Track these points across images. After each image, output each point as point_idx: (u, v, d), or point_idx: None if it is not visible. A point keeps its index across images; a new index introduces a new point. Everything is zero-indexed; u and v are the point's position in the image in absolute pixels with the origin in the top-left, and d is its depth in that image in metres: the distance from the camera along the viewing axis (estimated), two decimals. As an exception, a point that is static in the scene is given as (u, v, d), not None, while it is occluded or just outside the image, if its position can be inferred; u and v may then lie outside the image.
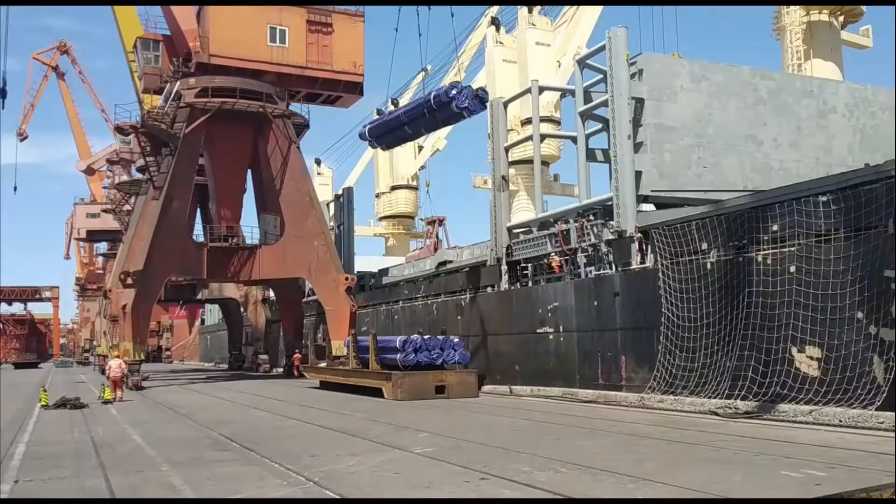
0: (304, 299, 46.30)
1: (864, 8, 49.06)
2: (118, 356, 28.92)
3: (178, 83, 37.49)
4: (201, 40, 37.49)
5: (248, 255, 39.88)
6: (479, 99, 23.79)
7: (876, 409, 13.91)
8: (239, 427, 16.76)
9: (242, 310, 58.04)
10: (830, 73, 44.30)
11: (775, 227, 16.85)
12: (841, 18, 48.76)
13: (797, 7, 47.55)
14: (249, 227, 43.47)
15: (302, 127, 42.16)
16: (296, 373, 39.83)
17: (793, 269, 16.12)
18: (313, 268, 39.27)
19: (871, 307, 14.51)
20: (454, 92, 23.45)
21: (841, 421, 14.08)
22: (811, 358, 15.65)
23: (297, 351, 42.57)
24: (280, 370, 47.54)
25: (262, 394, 28.47)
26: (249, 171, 42.28)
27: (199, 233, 44.84)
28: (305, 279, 42.97)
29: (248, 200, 43.66)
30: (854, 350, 14.76)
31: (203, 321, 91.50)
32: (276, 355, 51.11)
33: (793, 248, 16.30)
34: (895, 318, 14.11)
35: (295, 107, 41.77)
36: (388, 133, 27.21)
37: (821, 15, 47.49)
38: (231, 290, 54.85)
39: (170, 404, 24.54)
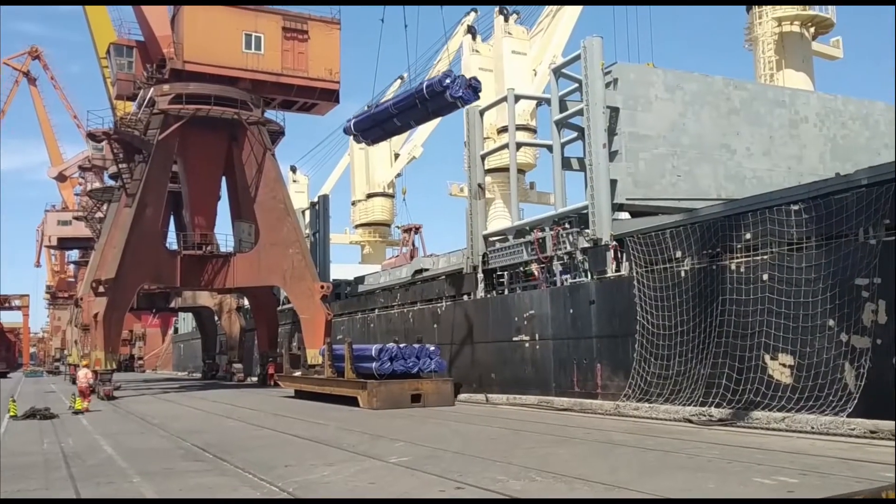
0: (279, 307, 46.01)
1: (834, 19, 49.79)
2: (86, 366, 28.57)
3: (152, 89, 37.19)
4: (175, 46, 37.23)
5: (223, 262, 39.56)
6: (473, 88, 23.15)
7: (847, 416, 14.05)
8: (212, 437, 16.58)
9: (216, 318, 57.59)
10: (802, 84, 44.90)
11: (748, 236, 17.01)
12: (812, 29, 49.47)
13: (769, 18, 48.16)
14: (224, 234, 43.18)
15: (277, 134, 41.98)
16: (270, 382, 39.54)
17: (765, 277, 16.27)
18: (288, 276, 39.05)
19: (843, 315, 14.67)
20: (448, 81, 22.80)
21: (813, 428, 14.20)
22: (784, 365, 15.79)
23: (271, 360, 42.28)
24: (254, 379, 47.17)
25: (235, 403, 28.21)
26: (224, 179, 41.99)
27: (172, 240, 44.50)
28: (280, 287, 42.70)
29: (223, 208, 43.44)
30: (826, 357, 14.91)
31: (176, 330, 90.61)
32: (251, 364, 50.72)
33: (765, 257, 16.46)
34: (866, 325, 14.28)
35: (270, 114, 41.61)
36: (376, 126, 26.44)
37: (792, 26, 48.15)
38: (205, 299, 54.38)
39: (142, 414, 24.24)
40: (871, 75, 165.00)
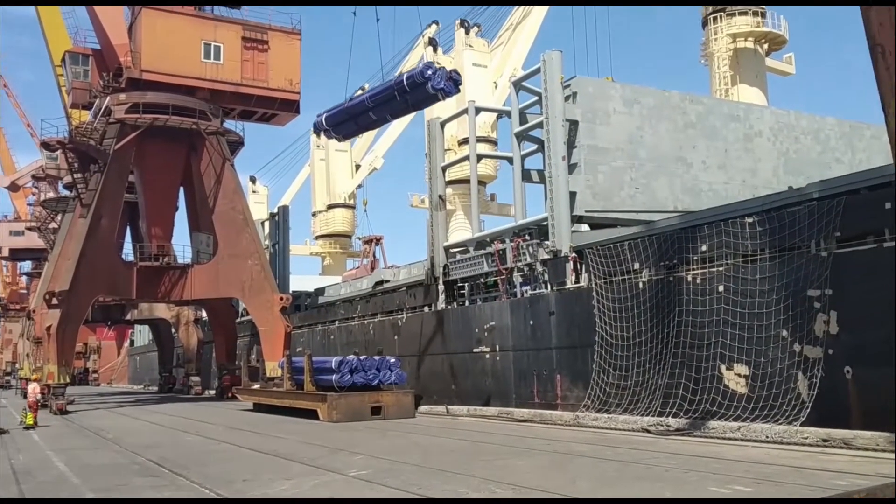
0: (238, 319, 45.50)
1: (787, 36, 50.97)
2: (37, 380, 27.94)
3: (108, 98, 36.62)
4: (133, 55, 36.72)
5: (180, 274, 39.01)
6: (453, 81, 22.90)
7: (800, 425, 14.31)
8: (168, 452, 16.30)
9: (174, 330, 56.72)
10: (756, 99, 45.86)
11: (704, 248, 17.28)
12: (765, 46, 50.59)
13: (724, 34, 49.13)
14: (181, 245, 42.63)
15: (236, 144, 41.58)
16: (228, 395, 39.02)
17: (721, 288, 16.53)
18: (247, 287, 38.63)
19: (796, 325, 14.96)
20: (429, 72, 22.45)
21: (767, 437, 14.43)
22: (739, 375, 16.04)
23: (228, 373, 41.75)
24: (212, 392, 46.53)
25: (193, 417, 27.78)
26: (182, 189, 41.46)
27: (128, 252, 43.78)
28: (239, 299, 42.23)
29: (181, 219, 42.85)
30: (779, 367, 15.19)
31: (132, 342, 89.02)
32: (209, 377, 50.03)
33: (721, 268, 16.73)
34: (818, 336, 14.58)
35: (230, 124, 41.21)
36: (350, 120, 25.75)
37: (746, 42, 49.19)
38: (162, 311, 53.55)
39: (96, 429, 23.74)
40: (822, 91, 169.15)
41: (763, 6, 49.47)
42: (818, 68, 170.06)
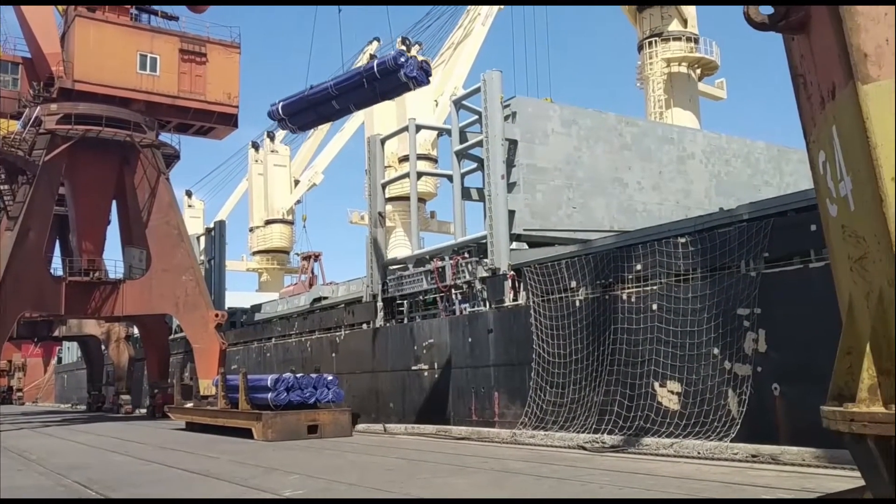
0: (171, 336, 44.51)
1: (719, 62, 52.55)
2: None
3: (39, 108, 35.62)
4: (65, 65, 35.86)
5: (111, 289, 38.04)
6: (424, 71, 22.45)
7: (731, 441, 14.64)
8: (96, 473, 15.78)
9: (104, 347, 55.15)
10: (689, 122, 47.12)
11: (639, 267, 17.61)
12: (698, 71, 52.08)
13: (659, 59, 50.41)
14: (113, 260, 41.59)
15: (172, 158, 40.88)
16: (160, 414, 38.08)
17: (654, 306, 16.85)
18: (181, 304, 37.86)
19: (726, 343, 15.34)
20: (402, 59, 21.80)
21: (699, 453, 14.70)
22: (672, 392, 16.35)
23: (160, 391, 40.77)
24: (143, 411, 45.35)
25: (122, 436, 27.00)
26: (114, 203, 40.53)
27: (57, 266, 42.50)
28: (173, 315, 41.34)
29: (113, 233, 41.84)
30: (711, 384, 15.53)
31: (60, 360, 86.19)
32: (140, 395, 48.76)
33: (654, 287, 17.07)
34: (747, 353, 14.98)
35: (165, 137, 40.51)
36: (309, 109, 24.70)
37: (680, 67, 50.55)
38: (91, 327, 52.06)
39: (19, 449, 22.85)
40: (752, 116, 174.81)
41: (696, 32, 50.93)
42: (748, 94, 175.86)
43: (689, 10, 50.52)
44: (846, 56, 3.71)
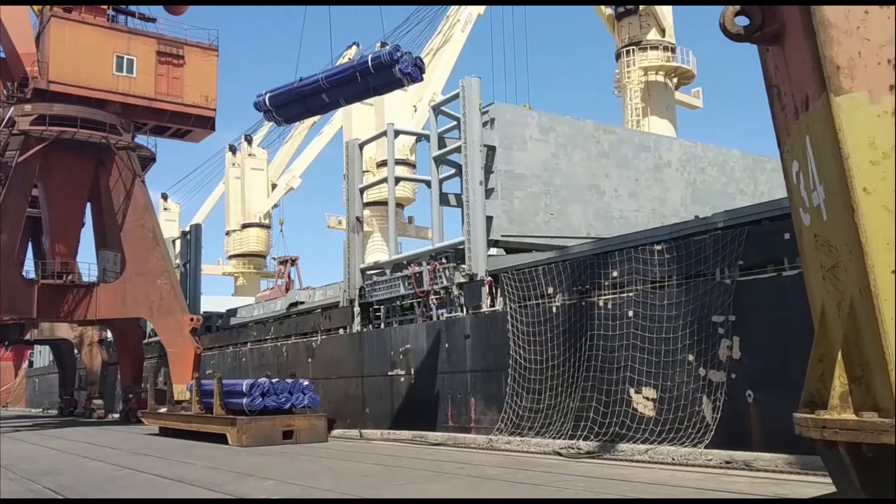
0: (145, 340, 44.08)
1: (695, 71, 53.07)
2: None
3: (12, 109, 35.20)
4: (40, 65, 35.46)
5: (85, 293, 37.60)
6: (419, 68, 22.16)
7: (705, 448, 14.74)
8: (67, 479, 15.58)
9: (76, 351, 54.49)
10: (665, 130, 47.50)
11: (615, 273, 17.71)
12: (675, 80, 52.54)
13: (636, 67, 50.81)
14: (87, 263, 41.12)
15: (148, 160, 40.54)
16: (133, 419, 37.67)
17: (630, 313, 16.96)
18: (156, 307, 37.50)
19: (701, 350, 15.47)
20: (398, 54, 21.46)
21: (674, 459, 14.79)
22: (647, 399, 16.44)
23: (134, 395, 40.34)
24: (116, 416, 44.84)
25: (94, 441, 26.67)
26: (89, 205, 40.11)
27: (29, 269, 41.90)
28: (147, 319, 40.96)
29: (87, 235, 41.39)
30: (685, 391, 15.64)
31: (31, 363, 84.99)
32: (113, 400, 48.23)
33: (631, 294, 17.17)
34: (722, 360, 15.11)
35: (141, 139, 40.17)
36: (298, 101, 24.21)
37: (657, 76, 50.98)
38: (64, 331, 51.44)
39: (-12, 455, 22.50)
40: (727, 125, 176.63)
41: (673, 42, 51.41)
42: (724, 103, 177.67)
43: (668, 20, 50.98)
44: (819, 68, 3.76)
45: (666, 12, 50.80)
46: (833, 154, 3.72)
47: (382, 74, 21.94)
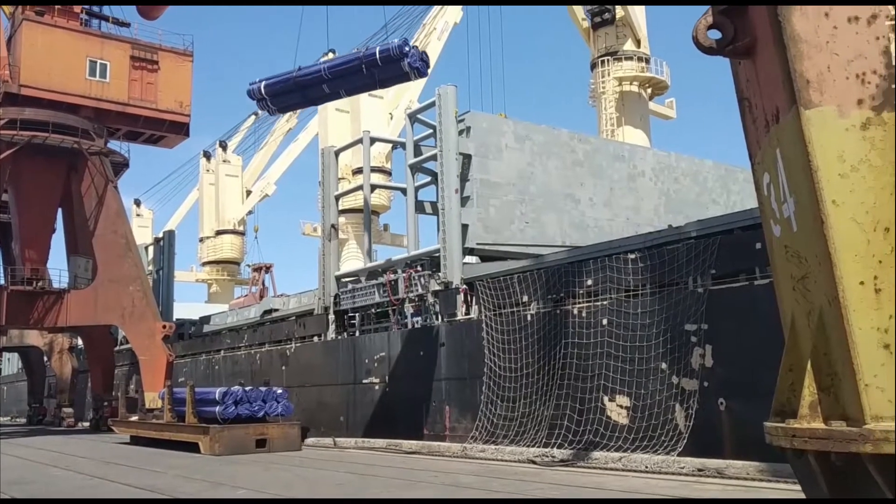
0: (117, 348, 43.57)
1: (669, 82, 53.56)
2: None
3: (-17, 113, 34.75)
4: (11, 69, 35.03)
5: (55, 299, 37.10)
6: (424, 63, 22.00)
7: (678, 455, 14.85)
8: (36, 488, 15.34)
9: (46, 359, 53.73)
10: (640, 140, 47.86)
11: (590, 282, 17.81)
12: (649, 90, 52.98)
13: (611, 78, 51.19)
14: (58, 269, 40.60)
15: (121, 166, 40.15)
16: (104, 427, 37.21)
17: (605, 321, 17.05)
18: (127, 314, 37.09)
19: (674, 358, 15.58)
20: (407, 48, 21.27)
21: (647, 467, 14.88)
22: (621, 406, 16.53)
23: (105, 404, 39.86)
24: (86, 424, 44.26)
25: (64, 450, 26.29)
26: (60, 211, 39.63)
27: (-2, 274, 41.26)
28: (118, 326, 40.50)
29: (58, 241, 40.86)
30: (658, 399, 15.75)
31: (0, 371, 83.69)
32: (83, 408, 47.59)
33: (605, 302, 17.27)
34: (694, 368, 15.23)
35: (115, 144, 39.78)
36: (295, 91, 23.65)
37: (631, 86, 51.38)
38: (34, 338, 50.71)
39: (-46, 465, 22.09)
40: (700, 135, 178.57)
41: (648, 53, 51.88)
42: (697, 114, 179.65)
43: (643, 31, 51.44)
44: (789, 82, 3.82)
45: (641, 23, 51.26)
46: (803, 166, 3.78)
47: (390, 67, 21.66)
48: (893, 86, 3.70)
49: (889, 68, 3.71)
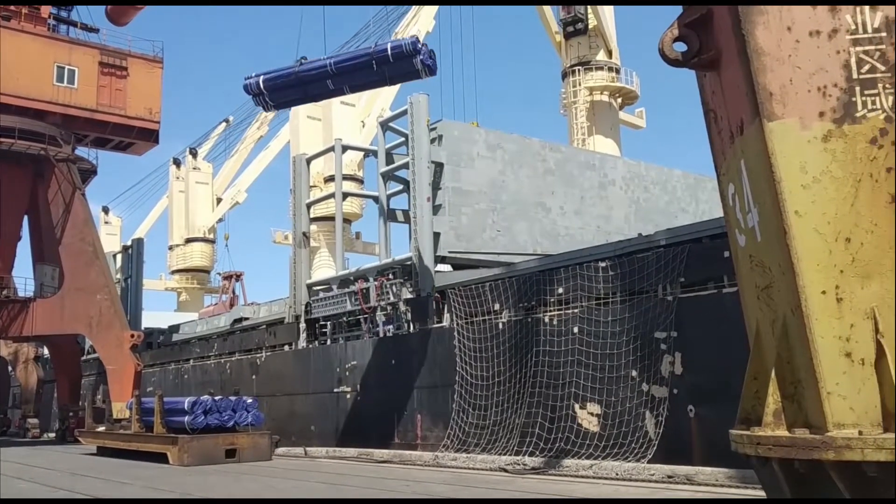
0: (84, 357, 42.94)
1: (639, 92, 54.11)
2: None
3: (-54, 119, 34.16)
4: (-24, 74, 34.50)
5: (20, 308, 36.47)
6: (433, 60, 21.44)
7: (648, 462, 14.94)
8: (-2, 501, 15.04)
9: (11, 369, 52.80)
10: (610, 149, 48.26)
11: (560, 290, 17.90)
12: (619, 100, 53.50)
13: (582, 87, 51.61)
14: (23, 278, 39.96)
15: (89, 173, 39.65)
16: (70, 438, 36.62)
17: (576, 329, 17.14)
18: (95, 323, 36.56)
19: (644, 366, 15.70)
20: (419, 45, 20.84)
21: (617, 474, 14.95)
22: (592, 414, 16.61)
23: (72, 414, 39.24)
24: (52, 435, 43.53)
25: (29, 462, 25.81)
26: (26, 218, 39.03)
27: (-38, 283, 40.47)
28: (86, 336, 39.92)
29: (24, 249, 40.21)
30: (629, 406, 15.85)
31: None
32: (49, 419, 46.82)
33: (576, 310, 17.36)
34: (664, 376, 15.36)
35: (82, 151, 39.29)
36: (297, 87, 22.81)
37: (602, 96, 51.85)
38: (-2, 347, 49.83)
39: (-86, 477, 21.60)
40: (670, 145, 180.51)
41: (618, 63, 52.39)
42: (666, 124, 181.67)
43: (613, 41, 51.93)
44: (753, 94, 3.89)
45: (612, 33, 51.76)
46: (766, 178, 3.85)
47: (401, 64, 21.19)
48: (853, 99, 3.78)
49: (849, 82, 3.79)
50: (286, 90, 23.12)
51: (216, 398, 24.25)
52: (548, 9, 52.71)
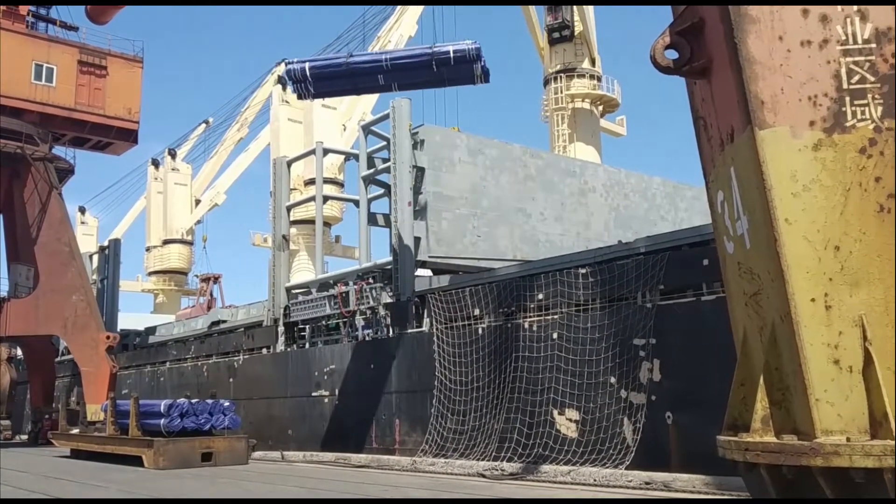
0: (58, 359, 42.41)
1: (620, 100, 54.46)
2: None
3: (-80, 115, 33.64)
4: (-48, 71, 34.03)
5: (-6, 308, 35.98)
6: (488, 69, 21.33)
7: (626, 468, 14.99)
8: (-31, 504, 14.79)
9: (-18, 369, 52.05)
10: (591, 157, 48.52)
11: (540, 296, 17.93)
12: (600, 108, 53.81)
13: (564, 94, 51.84)
14: (-3, 278, 39.39)
15: (66, 172, 39.19)
16: (43, 440, 36.12)
17: (555, 335, 17.17)
18: (70, 324, 36.12)
19: (623, 372, 15.76)
20: (481, 53, 20.53)
21: (595, 480, 14.98)
22: (570, 420, 16.64)
23: (45, 416, 38.72)
24: (24, 437, 42.93)
25: (2, 465, 25.43)
26: (1, 217, 38.52)
27: (-66, 282, 39.89)
28: (60, 337, 39.43)
29: (-3, 249, 39.67)
30: (607, 412, 15.90)
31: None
32: (21, 421, 46.19)
33: (555, 316, 17.40)
34: (642, 382, 15.42)
35: (60, 150, 38.85)
36: (345, 78, 22.25)
37: (583, 103, 52.13)
38: (-31, 348, 49.08)
39: None
40: (649, 153, 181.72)
41: (600, 71, 52.70)
42: (647, 132, 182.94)
43: (595, 49, 52.24)
44: (745, 102, 3.92)
45: (593, 41, 52.06)
46: (757, 185, 3.87)
47: (462, 68, 20.96)
48: (843, 108, 3.81)
49: (839, 91, 3.83)
50: (334, 80, 22.62)
51: (193, 401, 24.00)
52: (534, 14, 52.94)
